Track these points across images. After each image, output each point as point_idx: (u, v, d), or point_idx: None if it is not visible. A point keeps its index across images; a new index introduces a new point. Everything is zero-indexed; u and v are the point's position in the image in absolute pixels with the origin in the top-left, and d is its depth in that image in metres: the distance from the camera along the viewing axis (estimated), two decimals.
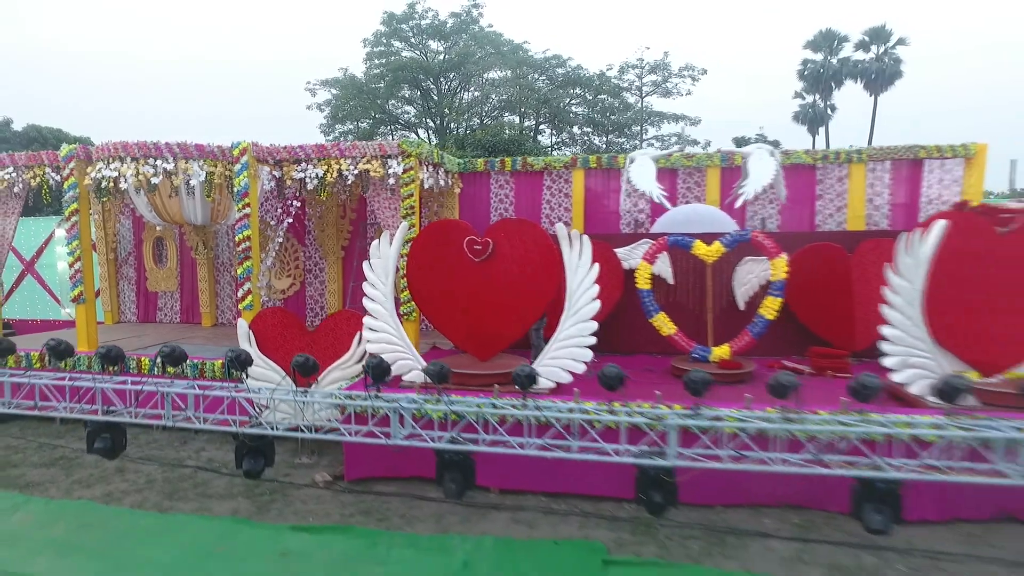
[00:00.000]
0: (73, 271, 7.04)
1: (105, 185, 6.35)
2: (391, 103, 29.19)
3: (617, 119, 29.19)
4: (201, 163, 6.32)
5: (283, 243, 8.72)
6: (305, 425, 4.01)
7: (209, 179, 6.36)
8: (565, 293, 4.89)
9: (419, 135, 29.97)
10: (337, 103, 29.04)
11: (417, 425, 3.83)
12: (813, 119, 37.62)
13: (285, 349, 5.18)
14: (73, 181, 6.86)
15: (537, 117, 29.16)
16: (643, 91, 30.70)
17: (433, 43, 29.73)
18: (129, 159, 6.27)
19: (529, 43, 29.84)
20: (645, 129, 30.47)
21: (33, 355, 6.58)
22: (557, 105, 28.12)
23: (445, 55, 29.12)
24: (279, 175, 6.66)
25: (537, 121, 29.53)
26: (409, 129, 30.30)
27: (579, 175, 8.30)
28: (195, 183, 6.41)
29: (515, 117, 29.14)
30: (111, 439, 4.15)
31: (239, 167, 6.34)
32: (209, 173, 6.34)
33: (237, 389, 4.07)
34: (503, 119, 28.48)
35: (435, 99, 29.33)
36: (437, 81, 29.11)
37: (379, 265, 5.10)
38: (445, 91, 29.63)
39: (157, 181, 6.32)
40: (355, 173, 6.37)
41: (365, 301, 5.14)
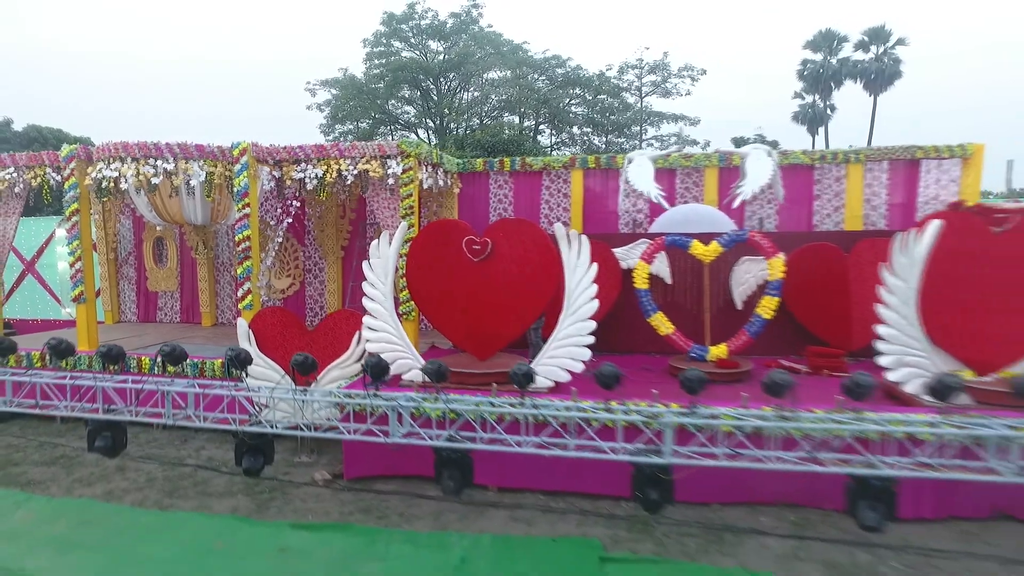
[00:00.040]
0: (74, 271, 7.06)
1: (106, 185, 6.38)
2: (391, 103, 29.23)
3: (617, 119, 29.22)
4: (201, 163, 6.35)
5: (283, 243, 8.75)
6: (304, 424, 4.04)
7: (209, 179, 6.39)
8: (563, 293, 4.91)
9: (419, 135, 30.00)
10: (337, 103, 29.09)
11: (415, 423, 3.86)
12: (813, 119, 37.70)
13: (285, 348, 5.20)
14: (74, 181, 6.89)
15: (537, 117, 29.20)
16: (643, 91, 30.76)
17: (433, 43, 29.78)
18: (129, 159, 6.30)
19: (529, 43, 29.93)
20: (645, 129, 30.51)
21: (34, 354, 6.61)
22: (557, 105, 28.15)
23: (445, 55, 29.16)
24: (279, 175, 6.69)
25: (537, 121, 29.56)
26: (409, 129, 30.33)
27: (578, 175, 8.33)
28: (195, 183, 6.44)
29: (515, 117, 29.17)
30: (112, 438, 4.17)
31: (239, 167, 6.37)
32: (209, 173, 6.37)
33: (237, 388, 4.10)
34: (503, 119, 28.51)
35: (435, 99, 29.36)
36: (437, 81, 29.15)
37: (378, 265, 5.12)
38: (445, 91, 29.66)
39: (157, 181, 6.35)
40: (354, 173, 6.40)
41: (365, 300, 5.16)
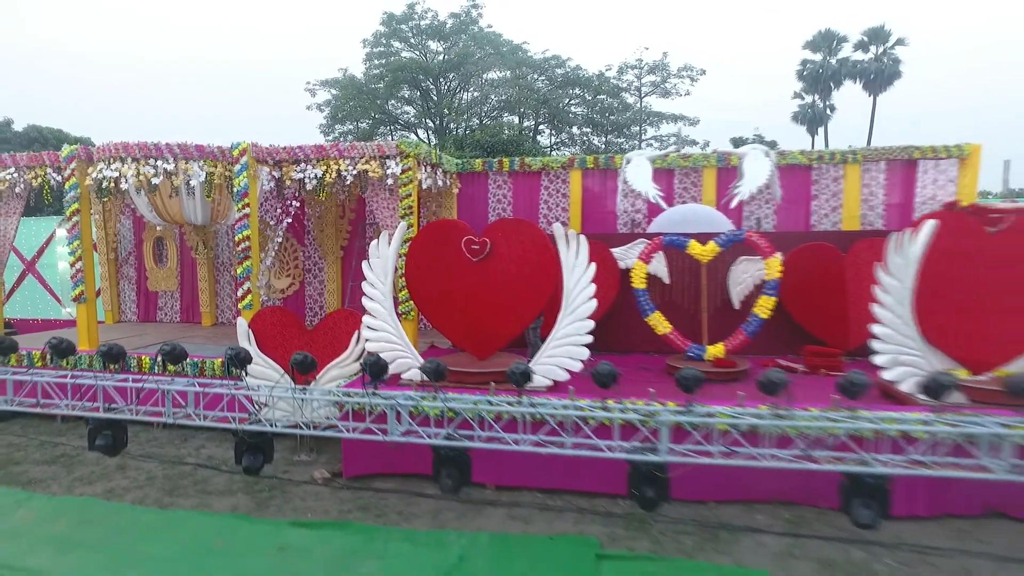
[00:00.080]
0: (74, 271, 7.09)
1: (106, 185, 6.41)
2: (391, 103, 29.27)
3: (616, 119, 29.26)
4: (201, 163, 6.38)
5: (282, 243, 8.77)
6: (304, 422, 4.08)
7: (209, 179, 6.42)
8: (562, 292, 4.93)
9: (419, 135, 30.04)
10: (337, 103, 29.13)
11: (414, 422, 3.89)
12: (812, 119, 37.74)
13: (284, 348, 5.22)
14: (74, 181, 6.92)
15: (536, 117, 29.23)
16: (642, 91, 30.78)
17: (433, 43, 29.82)
18: (130, 159, 6.32)
19: (528, 43, 29.98)
20: (644, 129, 30.55)
21: (35, 354, 6.63)
22: (556, 105, 28.18)
23: (444, 55, 29.20)
24: (278, 175, 6.72)
25: (536, 121, 29.60)
26: (409, 129, 30.37)
27: (576, 175, 8.36)
28: (195, 183, 6.46)
29: (514, 117, 29.21)
30: (112, 436, 4.21)
31: (239, 167, 6.40)
32: (209, 173, 6.39)
33: (236, 387, 4.14)
34: (502, 119, 28.55)
35: (435, 99, 29.40)
36: (436, 81, 29.19)
37: (378, 264, 5.15)
38: (444, 91, 29.70)
39: (157, 181, 6.38)
40: (353, 173, 6.42)
41: (364, 300, 5.18)
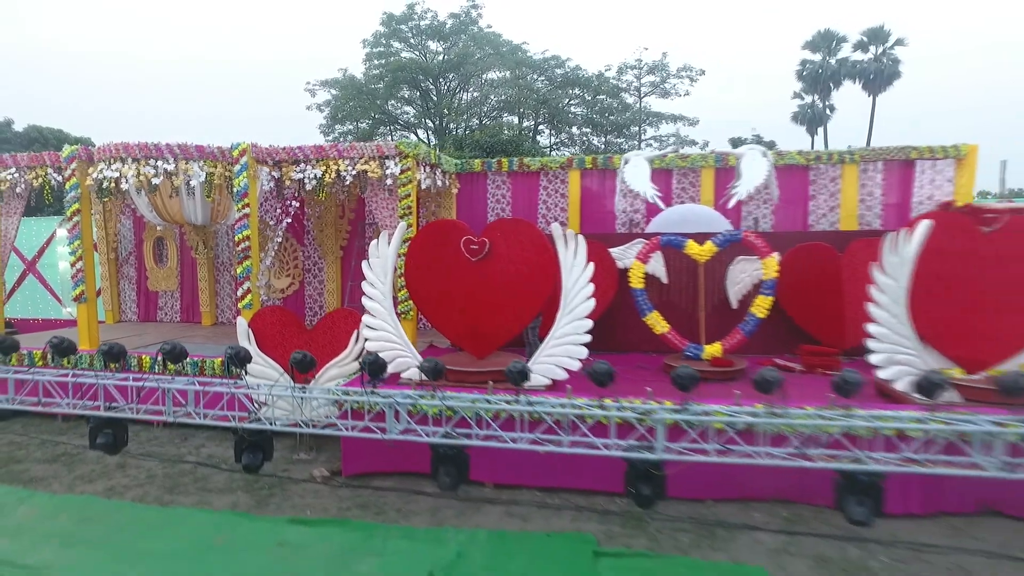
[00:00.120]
0: (75, 270, 7.12)
1: (106, 185, 6.44)
2: (390, 103, 29.31)
3: (616, 119, 29.30)
4: (201, 164, 6.41)
5: (282, 243, 8.80)
6: (303, 421, 4.11)
7: (209, 180, 6.45)
8: (560, 292, 4.96)
9: (418, 135, 30.08)
10: (337, 103, 29.18)
11: (412, 420, 3.92)
12: (812, 119, 37.77)
13: (284, 347, 5.25)
14: (75, 182, 6.95)
15: (536, 117, 29.28)
16: (641, 92, 30.82)
17: (432, 44, 29.86)
18: (130, 160, 6.36)
19: (528, 44, 30.04)
20: (644, 130, 30.59)
21: (36, 353, 6.67)
22: (556, 105, 28.23)
23: (444, 56, 29.24)
24: (278, 176, 6.75)
25: (536, 121, 29.64)
26: (408, 129, 30.40)
27: (575, 175, 8.39)
28: (195, 183, 6.49)
29: (514, 117, 29.25)
30: (113, 435, 4.24)
31: (239, 168, 6.42)
32: (209, 174, 6.42)
33: (236, 385, 4.17)
34: (502, 119, 28.59)
35: (434, 100, 29.44)
36: (436, 82, 29.23)
37: (378, 264, 5.18)
38: (444, 92, 29.73)
39: (158, 182, 6.41)
40: (353, 174, 6.45)
41: (364, 300, 5.21)
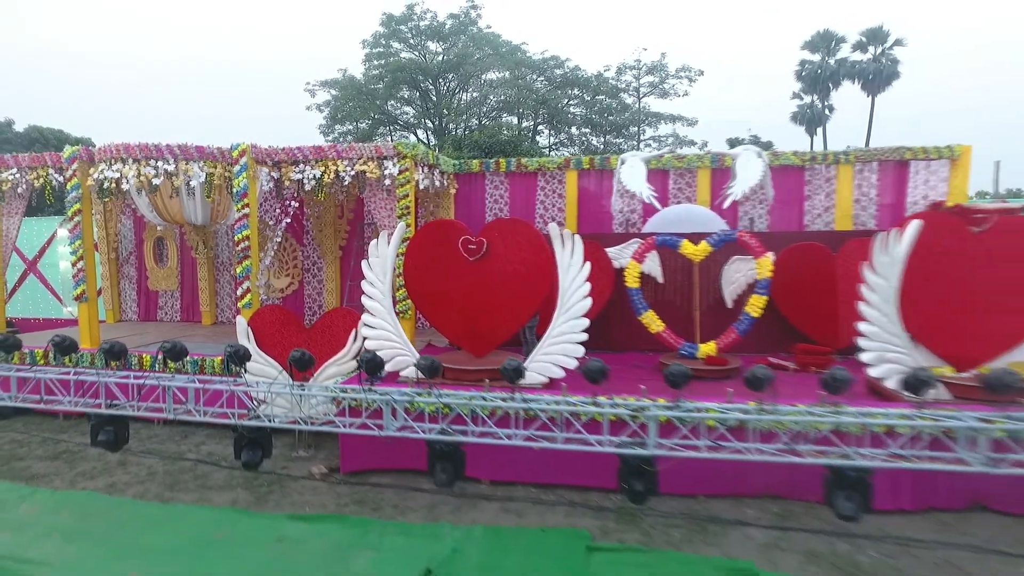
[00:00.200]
0: (76, 270, 7.18)
1: (107, 186, 6.50)
2: (390, 104, 29.38)
3: (615, 120, 29.37)
4: (201, 164, 6.46)
5: (281, 243, 8.86)
6: (302, 418, 4.17)
7: (209, 180, 6.51)
8: (557, 291, 5.02)
9: (418, 136, 30.14)
10: (336, 104, 29.25)
11: (409, 418, 3.98)
12: (811, 119, 37.86)
13: (283, 345, 5.31)
14: (76, 182, 7.00)
15: (535, 118, 29.34)
16: (640, 92, 30.88)
17: (432, 44, 29.94)
18: (131, 160, 6.41)
19: (527, 44, 30.20)
20: (643, 130, 30.64)
21: (37, 352, 6.72)
22: (555, 106, 28.31)
23: (444, 56, 29.31)
24: (277, 176, 6.81)
25: (535, 122, 29.70)
26: (408, 130, 30.46)
27: (572, 176, 8.44)
28: (195, 184, 6.55)
29: (513, 118, 29.31)
30: (114, 432, 4.30)
31: (238, 168, 6.48)
32: (209, 174, 6.48)
33: (236, 383, 4.23)
34: (501, 120, 28.66)
35: (434, 100, 29.50)
36: (436, 82, 29.29)
37: (377, 264, 5.24)
38: (444, 92, 29.80)
39: (158, 182, 6.47)
40: (351, 174, 6.51)
41: (364, 299, 5.27)
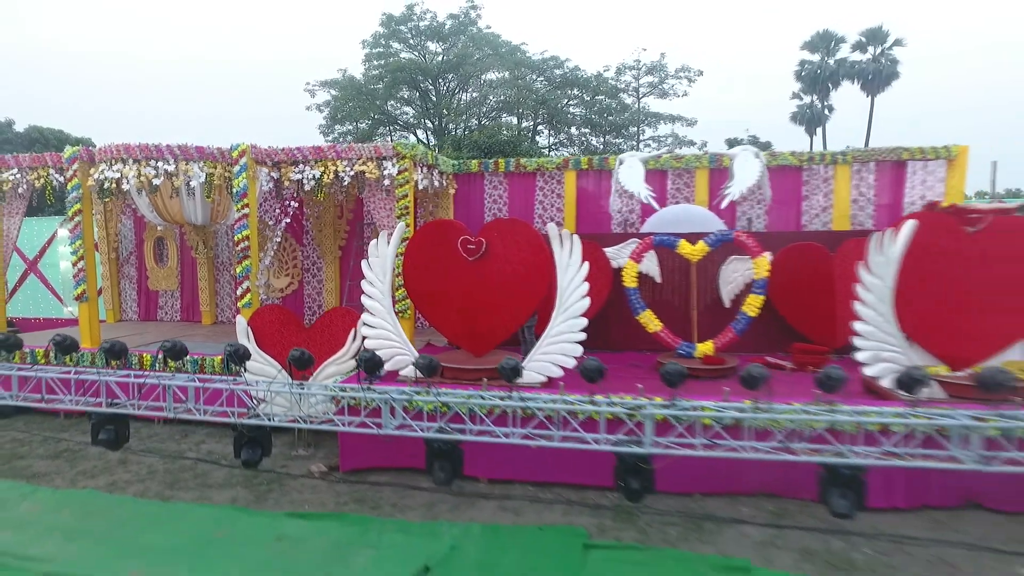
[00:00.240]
0: (76, 270, 7.21)
1: (107, 186, 6.53)
2: (390, 104, 29.41)
3: (614, 120, 29.40)
4: (201, 165, 6.49)
5: (281, 243, 8.89)
6: (301, 417, 4.20)
7: (209, 180, 6.53)
8: (556, 291, 5.05)
9: (418, 136, 30.17)
10: (336, 104, 29.27)
11: (408, 416, 4.01)
12: (811, 120, 37.86)
13: (282, 345, 5.33)
14: (76, 182, 7.03)
15: (535, 118, 29.38)
16: (640, 92, 30.91)
17: (431, 44, 29.97)
18: (131, 161, 6.44)
19: (527, 44, 30.21)
20: (642, 130, 30.67)
21: (38, 351, 6.75)
22: (555, 106, 28.34)
23: (443, 56, 29.33)
24: (277, 176, 6.84)
25: (535, 122, 29.74)
26: (408, 130, 30.48)
27: (571, 176, 8.47)
28: (195, 184, 6.58)
29: (513, 118, 29.34)
30: (115, 431, 4.33)
31: (238, 168, 6.51)
32: (209, 174, 6.51)
33: (235, 382, 4.26)
34: (501, 120, 28.68)
35: (434, 100, 29.53)
36: (435, 82, 29.31)
37: (377, 264, 5.27)
38: (443, 92, 29.82)
39: (158, 182, 6.50)
40: (351, 174, 6.54)
41: (363, 298, 5.31)
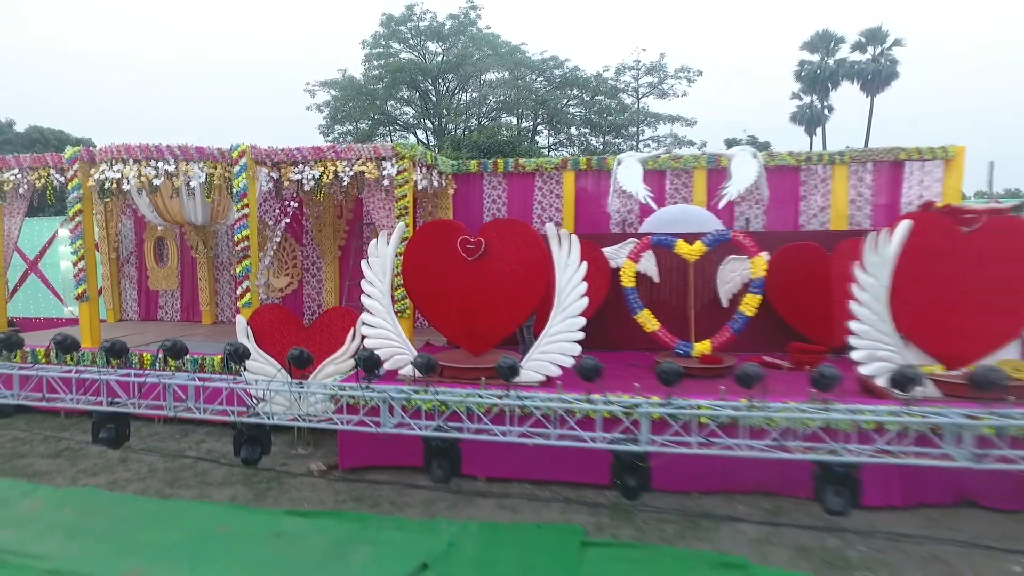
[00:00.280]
0: (77, 270, 7.24)
1: (108, 186, 6.57)
2: (390, 104, 29.42)
3: (614, 120, 29.40)
4: (201, 165, 6.52)
5: (281, 243, 8.92)
6: (301, 415, 4.23)
7: (209, 180, 6.57)
8: (554, 291, 5.08)
9: (417, 136, 30.19)
10: (336, 104, 29.29)
11: (406, 415, 4.04)
12: (810, 120, 37.84)
13: (282, 344, 5.35)
14: (77, 182, 7.07)
15: (535, 118, 29.40)
16: (639, 92, 30.93)
17: (431, 44, 29.98)
18: (131, 161, 6.48)
19: (527, 44, 30.18)
20: (642, 130, 30.69)
21: (39, 351, 6.78)
22: (554, 106, 28.36)
23: (443, 56, 29.35)
24: (276, 176, 6.87)
25: (535, 122, 29.76)
26: (408, 130, 30.50)
27: (569, 176, 8.50)
28: (195, 184, 6.61)
29: (513, 118, 29.35)
30: (115, 430, 4.37)
31: (238, 169, 6.54)
32: (209, 175, 6.54)
33: (235, 381, 4.29)
34: (501, 120, 28.70)
35: (433, 100, 29.55)
36: (435, 82, 29.33)
37: (376, 263, 5.30)
38: (443, 92, 29.84)
39: (159, 182, 6.53)
40: (350, 175, 6.57)
41: (363, 298, 5.33)
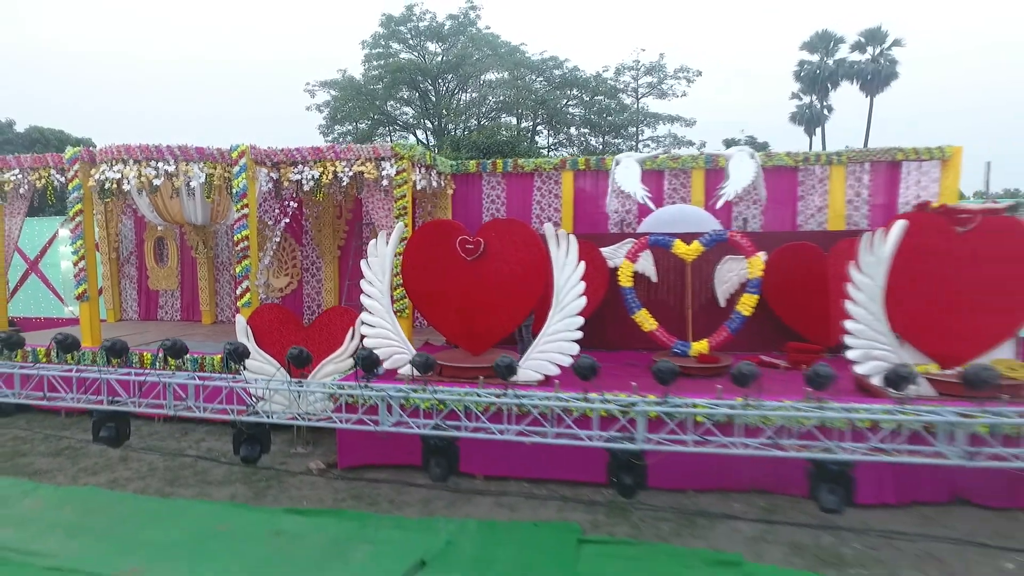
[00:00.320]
0: (77, 270, 7.27)
1: (108, 186, 6.60)
2: (389, 104, 29.44)
3: (614, 120, 29.41)
4: (201, 165, 6.55)
5: (281, 243, 8.95)
6: (300, 414, 4.26)
7: (209, 181, 6.60)
8: (552, 290, 5.11)
9: (417, 136, 30.22)
10: (336, 104, 29.31)
11: (404, 414, 4.08)
12: (810, 120, 37.87)
13: (281, 344, 5.38)
14: (77, 183, 7.10)
15: (534, 118, 29.41)
16: (639, 92, 30.95)
17: (431, 45, 30.00)
18: (132, 161, 6.51)
19: (526, 45, 30.19)
20: (641, 130, 30.71)
21: (39, 350, 6.81)
22: (554, 106, 28.37)
23: (443, 57, 29.37)
24: (276, 177, 6.90)
25: (534, 122, 29.78)
26: (407, 130, 30.53)
27: (568, 176, 8.54)
28: (195, 184, 6.65)
29: (512, 118, 29.37)
30: (116, 428, 4.40)
31: (238, 169, 6.56)
32: (209, 175, 6.57)
33: (235, 380, 4.32)
34: (500, 120, 28.72)
35: (433, 100, 29.57)
36: (435, 82, 29.35)
37: (376, 263, 5.33)
38: (443, 92, 29.87)
39: (159, 183, 6.57)
40: (350, 175, 6.61)
41: (363, 297, 5.36)
